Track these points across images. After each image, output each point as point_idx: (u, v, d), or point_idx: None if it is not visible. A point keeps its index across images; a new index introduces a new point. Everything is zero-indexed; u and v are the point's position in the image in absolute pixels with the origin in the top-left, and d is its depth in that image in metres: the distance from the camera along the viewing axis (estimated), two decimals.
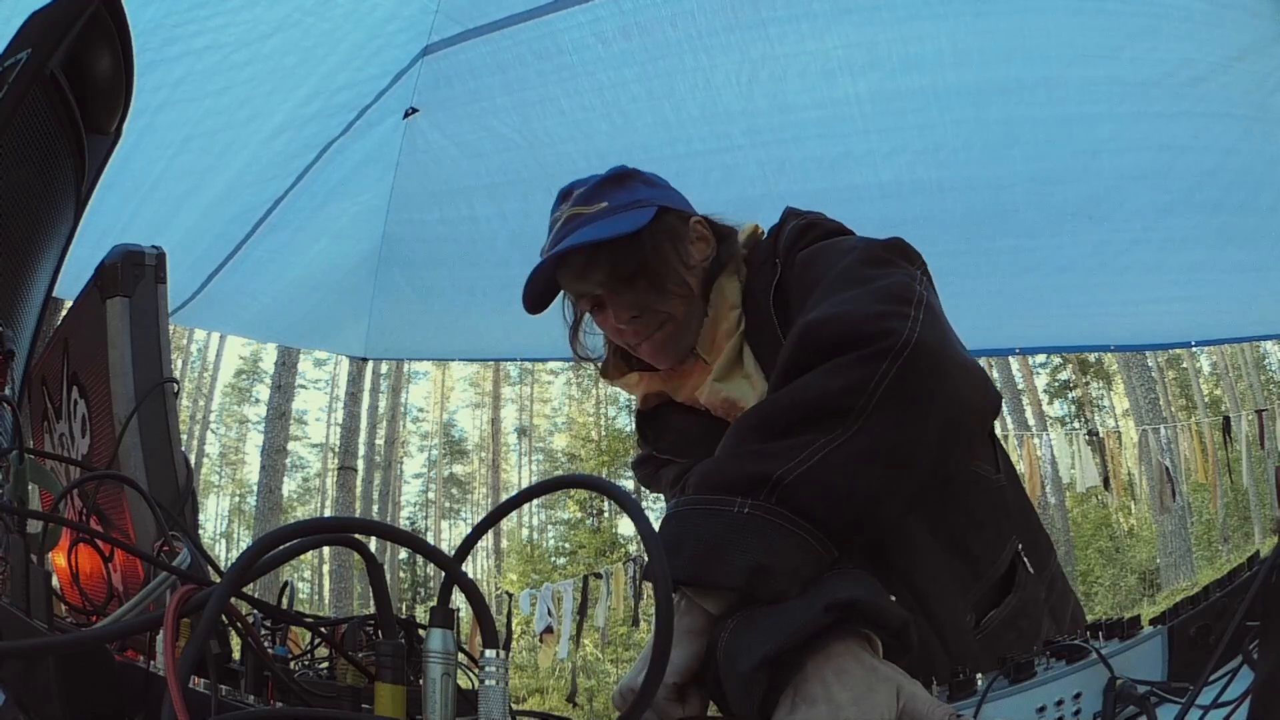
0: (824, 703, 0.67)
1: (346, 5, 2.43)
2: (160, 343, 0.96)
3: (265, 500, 11.08)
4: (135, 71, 0.99)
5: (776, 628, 0.72)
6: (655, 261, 1.07)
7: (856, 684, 0.67)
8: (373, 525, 0.60)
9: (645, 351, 1.12)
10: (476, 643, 0.54)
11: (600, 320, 1.14)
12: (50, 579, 0.67)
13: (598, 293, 1.10)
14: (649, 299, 1.08)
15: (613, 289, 1.09)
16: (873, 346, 0.77)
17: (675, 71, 2.71)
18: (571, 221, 1.09)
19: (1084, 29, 2.49)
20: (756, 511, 0.75)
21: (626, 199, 1.09)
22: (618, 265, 1.07)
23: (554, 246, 1.09)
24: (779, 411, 0.80)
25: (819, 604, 0.72)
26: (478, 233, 3.46)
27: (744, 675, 0.72)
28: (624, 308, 1.09)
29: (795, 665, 0.71)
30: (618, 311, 1.09)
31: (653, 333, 1.09)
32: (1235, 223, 2.97)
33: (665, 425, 1.19)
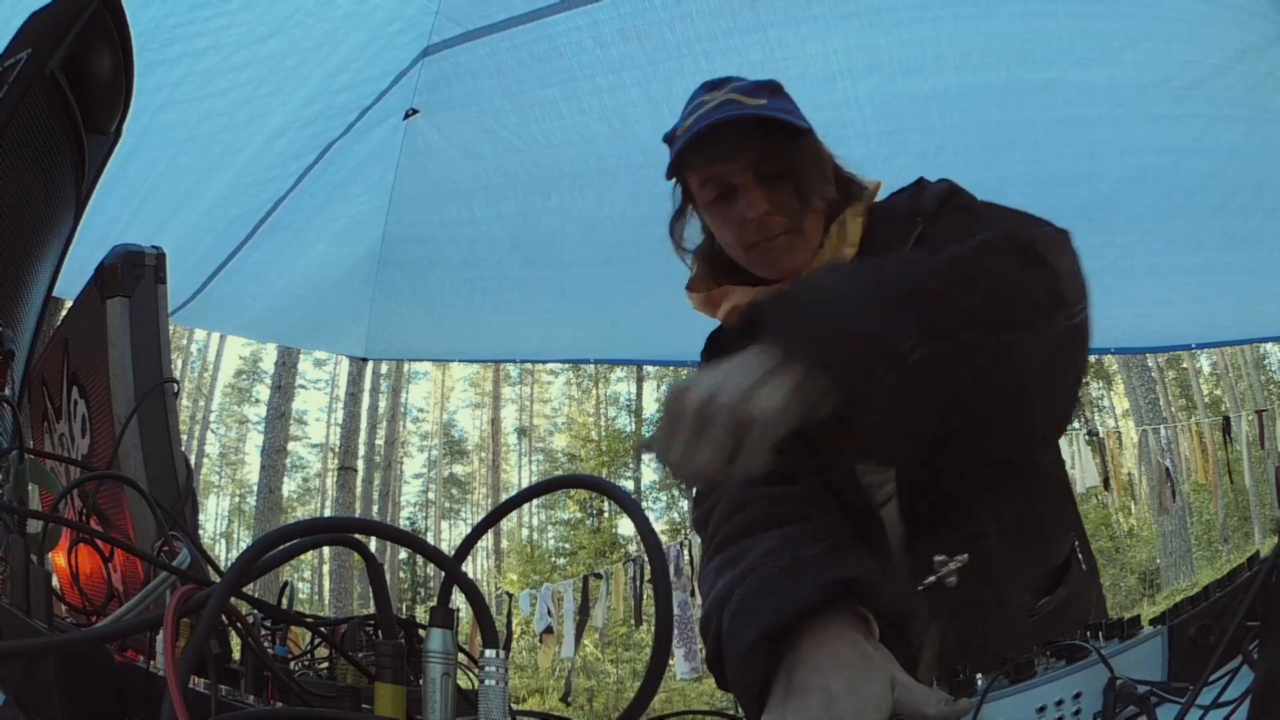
0: (817, 692, 0.67)
1: (347, 6, 2.43)
2: (160, 343, 0.96)
3: (265, 500, 11.07)
4: (135, 72, 0.99)
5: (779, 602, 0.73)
6: (805, 168, 1.06)
7: (850, 672, 0.68)
8: (373, 525, 0.60)
9: (759, 253, 1.08)
10: (476, 643, 0.54)
11: (722, 211, 1.08)
12: (50, 579, 0.67)
13: (737, 181, 1.06)
14: (786, 202, 1.06)
15: (757, 178, 1.05)
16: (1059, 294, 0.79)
17: (674, 75, 2.71)
18: (728, 105, 1.04)
19: (1084, 31, 2.49)
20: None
21: (784, 107, 1.07)
22: (771, 156, 1.04)
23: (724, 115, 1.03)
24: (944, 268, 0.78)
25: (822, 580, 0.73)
26: (477, 234, 3.47)
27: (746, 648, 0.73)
28: (761, 200, 1.05)
29: (790, 646, 0.71)
30: (753, 202, 1.04)
31: (776, 235, 1.06)
32: (1236, 225, 2.97)
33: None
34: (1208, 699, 0.55)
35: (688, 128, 1.05)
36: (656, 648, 0.49)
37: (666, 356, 4.57)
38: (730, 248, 1.11)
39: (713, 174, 1.07)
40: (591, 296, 3.68)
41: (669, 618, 0.50)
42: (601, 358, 4.53)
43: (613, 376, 23.75)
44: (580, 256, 3.49)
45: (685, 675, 8.06)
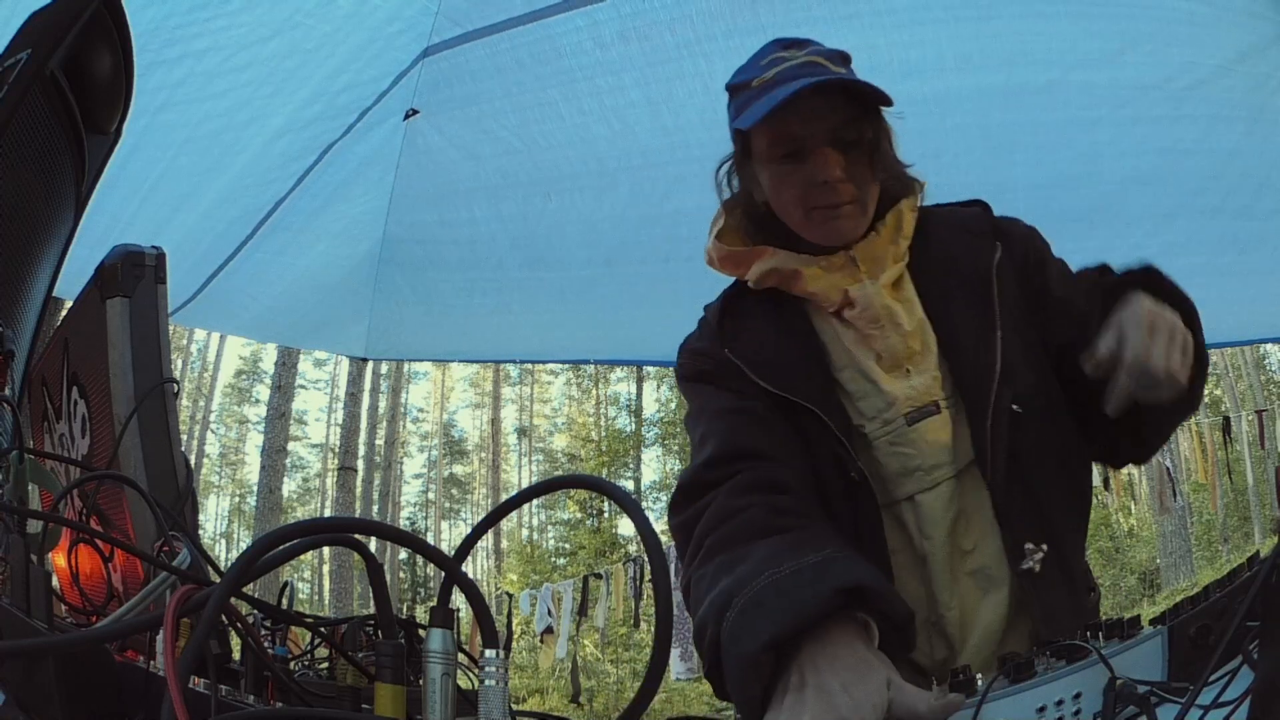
0: (815, 690, 0.67)
1: (347, 7, 2.43)
2: (160, 343, 0.96)
3: (265, 500, 11.07)
4: (135, 72, 0.99)
5: (783, 609, 0.72)
6: (877, 140, 1.06)
7: (847, 671, 0.68)
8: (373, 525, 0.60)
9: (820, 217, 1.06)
10: (476, 643, 0.54)
11: (789, 169, 1.06)
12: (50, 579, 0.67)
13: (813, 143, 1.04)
14: (857, 171, 1.05)
15: (833, 143, 1.04)
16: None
17: (674, 76, 2.71)
18: (810, 67, 1.03)
19: (1085, 33, 2.49)
20: None
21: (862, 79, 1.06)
22: (846, 125, 1.03)
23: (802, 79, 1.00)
24: None
25: (828, 586, 0.72)
26: (477, 234, 3.46)
27: (749, 657, 0.72)
28: (836, 164, 1.04)
29: (791, 652, 0.71)
30: (829, 165, 1.03)
31: (843, 203, 1.05)
32: (1236, 227, 2.96)
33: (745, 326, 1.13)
34: (1208, 699, 0.55)
35: (765, 83, 1.03)
36: (656, 648, 0.49)
37: (666, 357, 4.56)
38: (788, 207, 1.08)
39: (789, 133, 1.04)
40: (591, 297, 3.68)
41: (669, 618, 0.50)
42: (601, 358, 4.53)
43: (613, 377, 23.75)
44: (580, 257, 3.49)
45: (681, 675, 8.06)
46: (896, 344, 1.06)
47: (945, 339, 1.07)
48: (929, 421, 1.04)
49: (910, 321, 1.06)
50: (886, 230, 1.09)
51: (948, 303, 1.08)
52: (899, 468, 1.04)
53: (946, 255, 1.11)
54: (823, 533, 0.88)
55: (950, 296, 1.08)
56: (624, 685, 13.74)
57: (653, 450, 23.05)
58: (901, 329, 1.05)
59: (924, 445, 1.04)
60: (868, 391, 1.06)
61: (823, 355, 1.09)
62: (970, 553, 1.04)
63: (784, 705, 0.69)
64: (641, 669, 3.08)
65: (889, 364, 1.06)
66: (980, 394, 1.03)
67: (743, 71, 1.09)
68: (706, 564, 0.89)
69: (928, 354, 1.07)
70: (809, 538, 0.85)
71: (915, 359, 1.06)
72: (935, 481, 1.04)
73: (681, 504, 1.00)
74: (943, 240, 1.13)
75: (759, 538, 0.86)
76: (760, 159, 1.09)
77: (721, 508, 0.93)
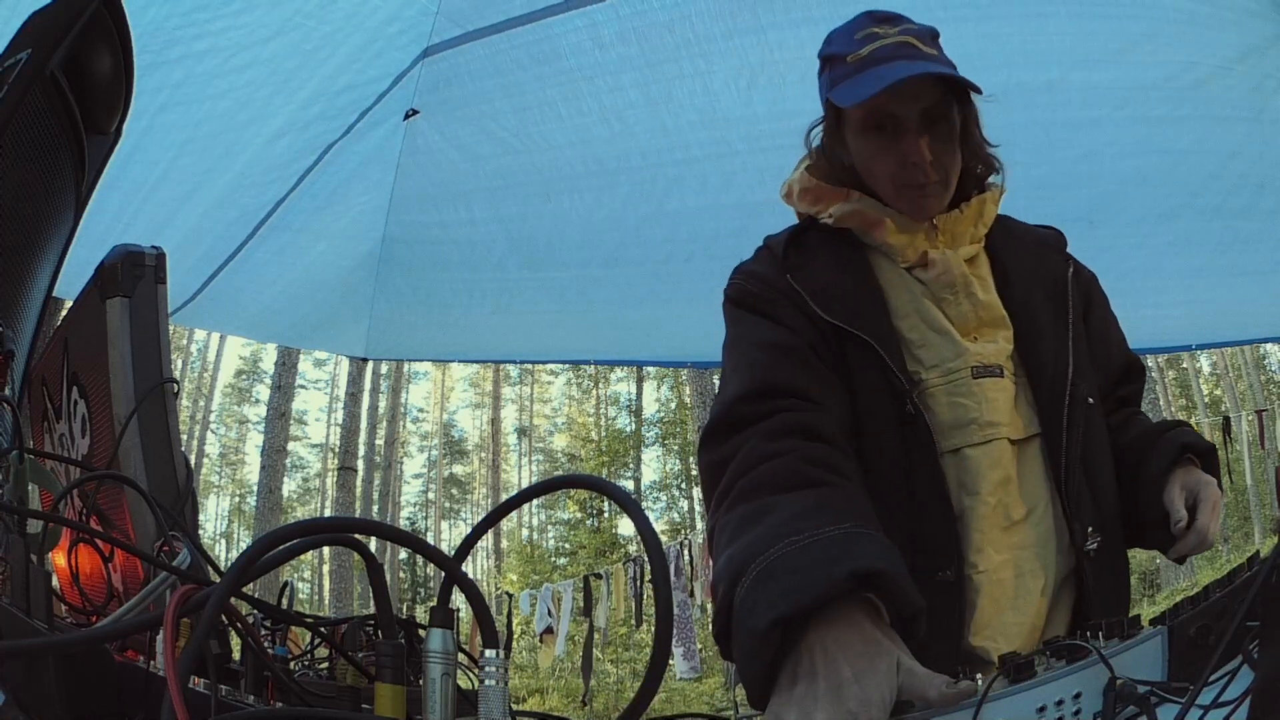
0: (825, 678, 0.67)
1: (347, 8, 2.43)
2: (160, 343, 0.96)
3: (265, 500, 11.07)
4: (135, 72, 0.99)
5: (795, 587, 0.71)
6: (966, 122, 1.12)
7: (857, 658, 0.67)
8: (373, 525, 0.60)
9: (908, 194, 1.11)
10: (476, 643, 0.54)
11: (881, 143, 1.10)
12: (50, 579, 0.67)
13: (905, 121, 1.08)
14: (945, 153, 1.10)
15: (924, 122, 1.08)
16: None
17: (673, 77, 2.71)
18: (905, 48, 1.07)
19: (1085, 33, 2.48)
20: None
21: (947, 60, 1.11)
22: (938, 104, 1.08)
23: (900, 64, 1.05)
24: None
25: (843, 569, 0.71)
26: (477, 235, 3.47)
27: (756, 632, 0.71)
28: (926, 146, 1.08)
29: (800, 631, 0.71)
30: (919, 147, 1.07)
31: (930, 182, 1.10)
32: (1236, 226, 2.96)
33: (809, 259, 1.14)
34: (1208, 699, 0.55)
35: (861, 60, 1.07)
36: (657, 648, 0.49)
37: (666, 357, 4.57)
38: (877, 178, 1.13)
39: (884, 110, 1.08)
40: (591, 297, 3.68)
41: (669, 618, 0.50)
42: (601, 358, 4.53)
43: (613, 376, 23.76)
44: (580, 257, 3.49)
45: (685, 675, 8.06)
46: (967, 311, 1.10)
47: (1023, 324, 1.11)
48: (993, 380, 1.07)
49: (986, 295, 1.11)
50: (970, 211, 1.14)
51: (1027, 293, 1.13)
52: (952, 419, 1.05)
53: (1025, 252, 1.18)
54: (850, 497, 0.87)
55: (1030, 289, 1.14)
56: (624, 685, 13.74)
57: (653, 450, 23.07)
58: (975, 298, 1.10)
59: (985, 400, 1.06)
60: (931, 341, 1.08)
61: (884, 299, 1.11)
62: (1018, 524, 1.05)
63: (794, 696, 0.68)
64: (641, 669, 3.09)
65: (963, 327, 1.10)
66: (1057, 378, 1.08)
67: (835, 42, 1.13)
68: (732, 511, 0.87)
69: (997, 329, 1.11)
70: (836, 500, 0.84)
71: (984, 330, 1.10)
72: (988, 438, 1.05)
73: (712, 442, 0.97)
74: (1022, 239, 1.20)
75: (786, 490, 0.85)
76: (853, 130, 1.13)
77: (754, 450, 0.91)
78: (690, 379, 11.97)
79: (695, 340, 3.83)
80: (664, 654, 0.49)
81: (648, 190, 3.13)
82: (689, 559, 7.01)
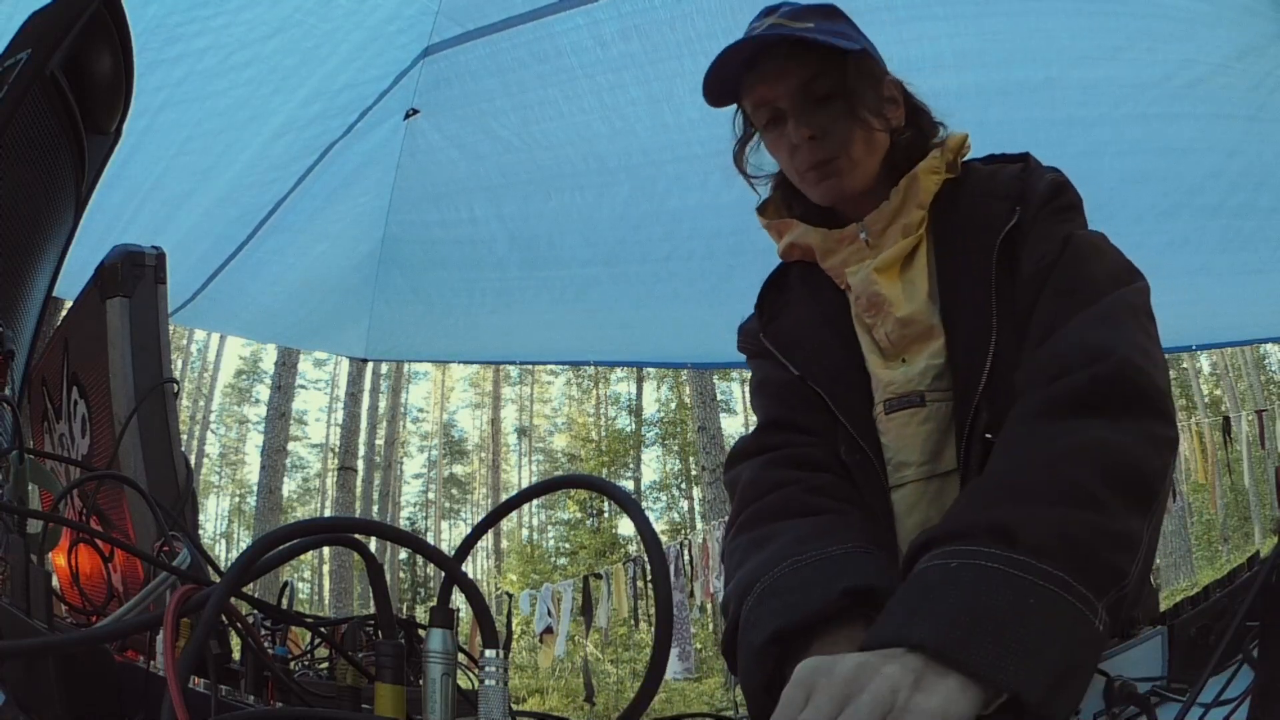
0: (824, 692, 0.67)
1: (347, 6, 2.42)
2: (160, 343, 0.96)
3: (265, 500, 11.08)
4: (135, 71, 0.99)
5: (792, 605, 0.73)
6: (854, 92, 1.01)
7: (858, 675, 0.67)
8: (373, 525, 0.60)
9: (810, 180, 1.04)
10: (476, 643, 0.54)
11: (774, 136, 1.05)
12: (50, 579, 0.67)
13: (784, 105, 1.02)
14: (835, 125, 1.01)
15: (802, 100, 1.01)
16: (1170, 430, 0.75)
17: (674, 74, 2.70)
18: (774, 29, 1.01)
19: (1084, 30, 2.48)
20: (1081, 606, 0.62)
21: (833, 29, 1.02)
22: (813, 80, 1.00)
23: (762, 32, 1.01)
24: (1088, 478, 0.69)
25: (838, 586, 0.73)
26: (477, 235, 3.46)
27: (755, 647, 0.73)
28: (806, 125, 1.01)
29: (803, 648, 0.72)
30: (798, 127, 1.01)
31: (827, 159, 1.02)
32: (1236, 225, 2.96)
33: (787, 302, 1.11)
34: (1208, 699, 0.55)
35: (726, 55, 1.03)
36: (656, 648, 0.49)
37: (666, 357, 4.56)
38: (788, 173, 1.08)
39: (760, 98, 1.04)
40: (591, 297, 3.68)
41: (669, 618, 0.50)
42: (601, 359, 4.53)
43: (613, 377, 23.76)
44: (580, 257, 3.49)
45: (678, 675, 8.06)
46: (893, 332, 0.98)
47: (950, 327, 0.96)
48: (906, 413, 0.96)
49: (908, 307, 0.98)
50: (897, 197, 1.01)
51: (957, 285, 0.98)
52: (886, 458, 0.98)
53: (972, 222, 0.99)
54: (851, 522, 0.87)
55: (960, 277, 0.97)
56: (624, 685, 13.74)
57: (653, 450, 23.08)
58: (892, 317, 0.98)
59: (894, 438, 0.96)
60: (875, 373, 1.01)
61: (853, 337, 1.04)
62: None
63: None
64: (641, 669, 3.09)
65: (890, 351, 0.99)
66: (965, 397, 0.92)
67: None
68: (740, 535, 0.91)
69: (927, 343, 0.97)
70: (838, 525, 0.85)
71: (913, 347, 0.98)
72: (902, 480, 0.96)
73: (728, 466, 1.04)
74: (971, 206, 1.01)
75: (790, 517, 0.88)
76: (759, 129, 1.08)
77: (759, 480, 0.95)
78: (690, 379, 11.96)
79: (696, 340, 3.83)
80: (664, 654, 0.49)
81: (649, 189, 3.13)
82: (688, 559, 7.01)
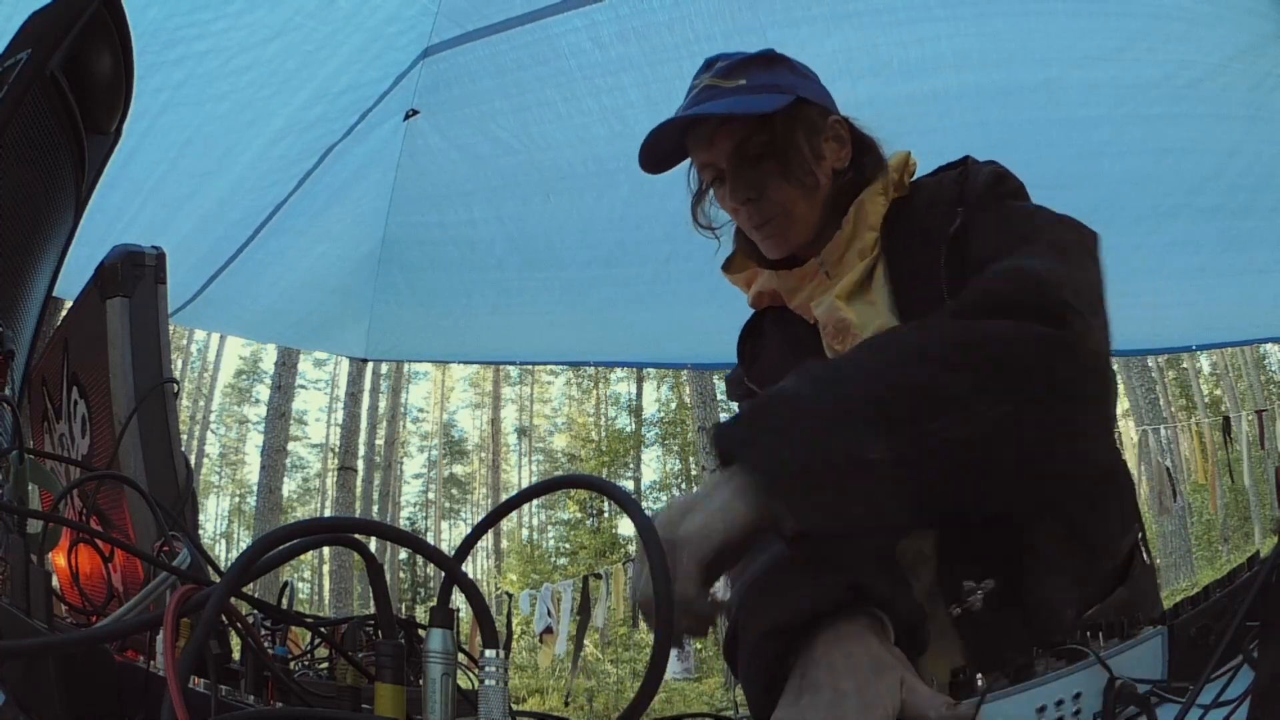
0: (829, 690, 0.67)
1: (347, 8, 2.43)
2: (160, 343, 0.96)
3: (265, 500, 11.07)
4: (135, 72, 0.99)
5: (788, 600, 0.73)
6: (784, 147, 1.04)
7: (861, 671, 0.68)
8: (373, 525, 0.60)
9: (759, 237, 1.08)
10: (476, 643, 0.54)
11: (720, 196, 1.10)
12: (50, 579, 0.67)
13: (723, 166, 1.06)
14: (770, 183, 1.04)
15: (736, 166, 1.05)
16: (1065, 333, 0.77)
17: (673, 76, 2.71)
18: (706, 92, 1.05)
19: (1084, 31, 2.49)
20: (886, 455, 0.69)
21: (766, 81, 1.05)
22: (745, 142, 1.04)
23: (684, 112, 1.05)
24: (934, 346, 0.76)
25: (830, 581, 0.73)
26: (476, 236, 3.47)
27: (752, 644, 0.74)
28: (743, 186, 1.05)
29: (805, 644, 0.72)
30: (735, 189, 1.05)
31: (766, 220, 1.05)
32: (1236, 226, 2.97)
33: (764, 347, 1.14)
34: (1208, 699, 0.55)
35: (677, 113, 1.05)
36: (656, 648, 0.49)
37: (666, 358, 4.57)
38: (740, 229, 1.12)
39: (701, 162, 1.08)
40: (591, 298, 3.68)
41: (669, 618, 0.50)
42: (601, 359, 4.53)
43: (613, 377, 23.76)
44: (580, 258, 3.49)
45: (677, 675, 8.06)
46: None
47: None
48: None
49: (871, 327, 0.99)
50: (848, 226, 1.03)
51: (913, 298, 0.99)
52: None
53: (918, 238, 1.01)
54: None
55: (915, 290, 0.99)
56: (624, 685, 13.74)
57: (653, 450, 23.08)
58: (857, 339, 0.98)
59: None
60: None
61: None
62: None
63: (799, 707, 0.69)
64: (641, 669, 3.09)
65: None
66: None
67: None
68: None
69: None
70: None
71: None
72: None
73: None
74: (920, 219, 1.02)
75: None
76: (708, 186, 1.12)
77: None
78: (690, 379, 11.96)
79: (696, 340, 3.83)
80: (664, 654, 0.49)
81: (648, 190, 3.13)
82: None
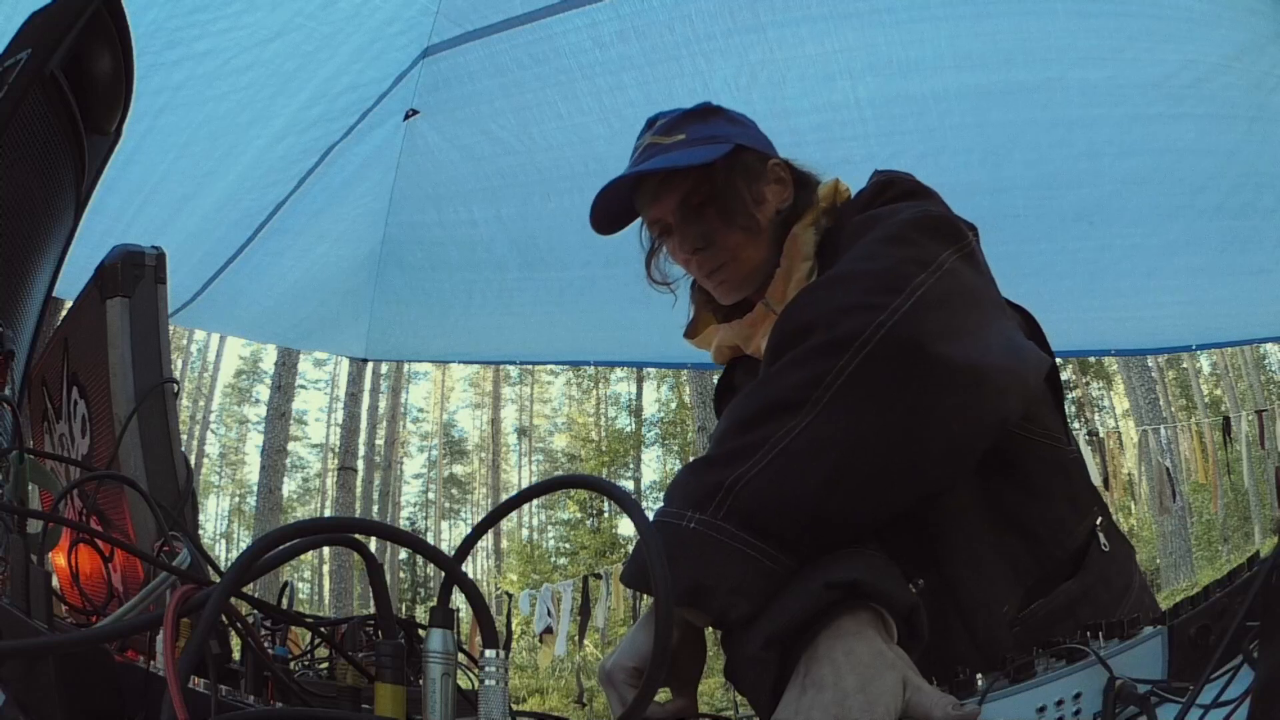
0: (831, 688, 0.67)
1: (347, 9, 2.43)
2: (160, 343, 0.96)
3: (265, 500, 11.08)
4: (135, 72, 0.99)
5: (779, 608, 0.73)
6: (725, 195, 1.09)
7: (863, 668, 0.67)
8: (373, 525, 0.60)
9: (711, 284, 1.13)
10: (476, 643, 0.54)
11: (670, 249, 1.16)
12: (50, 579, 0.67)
13: (669, 221, 1.12)
14: (716, 231, 1.09)
15: (681, 218, 1.10)
16: (835, 336, 0.76)
17: (673, 76, 2.71)
18: (648, 150, 1.11)
19: (1084, 30, 2.49)
20: (700, 527, 0.75)
21: (705, 133, 1.10)
22: (688, 195, 1.09)
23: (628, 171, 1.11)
24: (745, 406, 0.80)
25: (819, 582, 0.72)
26: (476, 236, 3.47)
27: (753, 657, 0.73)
28: (690, 238, 1.10)
29: (807, 643, 0.71)
30: (683, 241, 1.11)
31: (716, 267, 1.10)
32: (1236, 225, 2.97)
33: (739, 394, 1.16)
34: (1208, 699, 0.55)
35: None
36: (656, 648, 0.49)
37: (666, 358, 4.57)
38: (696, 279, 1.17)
39: (650, 218, 1.15)
40: (591, 297, 3.68)
41: (669, 618, 0.50)
42: (601, 359, 4.53)
43: (613, 377, 23.78)
44: (580, 258, 3.49)
45: None
46: None
47: None
48: None
49: None
50: (786, 262, 1.07)
51: None
52: None
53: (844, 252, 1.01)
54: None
55: None
56: None
57: (653, 450, 23.10)
58: None
59: None
60: None
61: None
62: None
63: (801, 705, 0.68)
64: None
65: None
66: None
67: None
68: None
69: None
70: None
71: None
72: None
73: None
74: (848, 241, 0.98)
75: None
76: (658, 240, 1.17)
77: None
78: (690, 379, 11.97)
79: None
80: (664, 654, 0.49)
81: None
82: None
